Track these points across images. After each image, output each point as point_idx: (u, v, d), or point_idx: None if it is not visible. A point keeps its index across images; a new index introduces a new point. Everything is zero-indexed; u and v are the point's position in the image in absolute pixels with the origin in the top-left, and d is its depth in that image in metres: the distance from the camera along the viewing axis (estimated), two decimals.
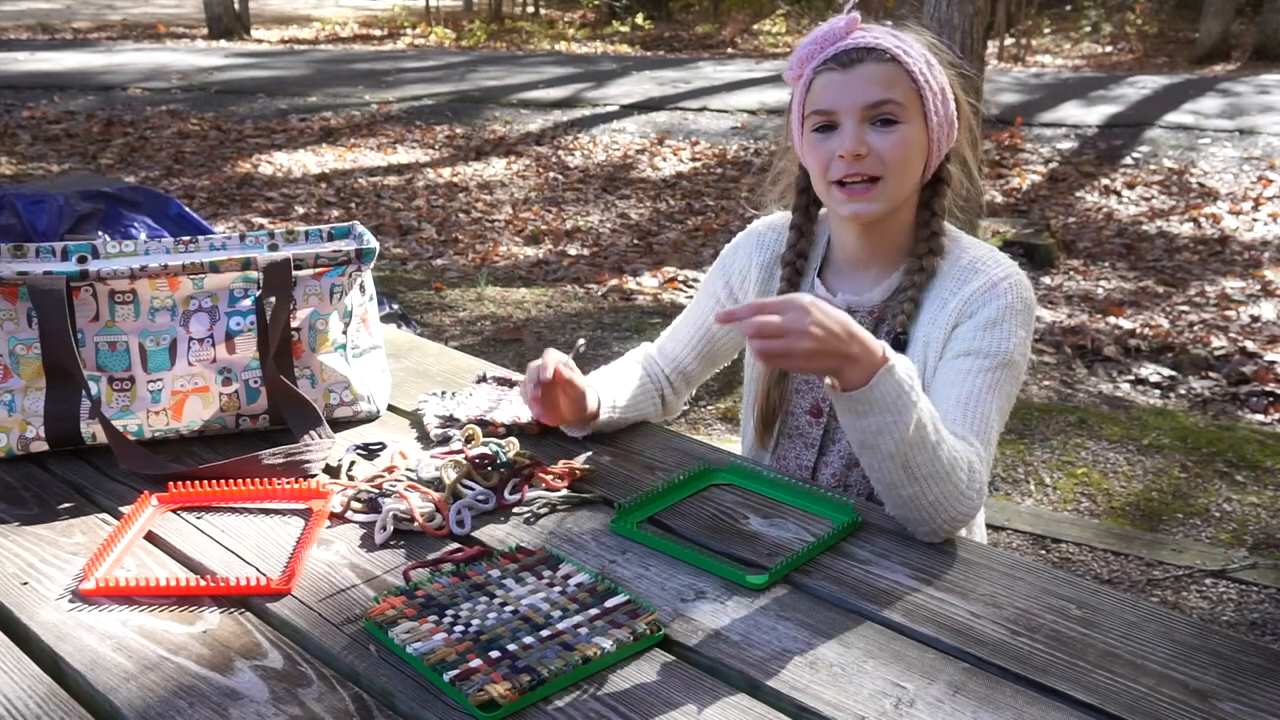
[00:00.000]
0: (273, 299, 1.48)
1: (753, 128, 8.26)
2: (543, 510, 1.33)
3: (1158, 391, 3.84)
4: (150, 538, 1.28)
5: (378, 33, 16.11)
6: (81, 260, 1.51)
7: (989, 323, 1.37)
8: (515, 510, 1.34)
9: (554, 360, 1.40)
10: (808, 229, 1.52)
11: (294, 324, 1.53)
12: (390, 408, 1.66)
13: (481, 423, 1.55)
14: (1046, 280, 5.21)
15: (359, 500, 1.33)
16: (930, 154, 1.41)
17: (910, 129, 1.37)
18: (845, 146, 1.36)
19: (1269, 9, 11.83)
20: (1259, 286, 5.05)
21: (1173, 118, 8.10)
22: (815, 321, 1.12)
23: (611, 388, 1.54)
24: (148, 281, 1.46)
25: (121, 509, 1.33)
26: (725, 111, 8.79)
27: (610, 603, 1.10)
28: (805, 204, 1.52)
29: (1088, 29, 14.44)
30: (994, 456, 1.33)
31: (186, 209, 2.91)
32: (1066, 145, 7.61)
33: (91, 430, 1.46)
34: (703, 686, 1.00)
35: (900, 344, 1.42)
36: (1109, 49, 13.62)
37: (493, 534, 1.29)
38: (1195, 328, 4.49)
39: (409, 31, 16.17)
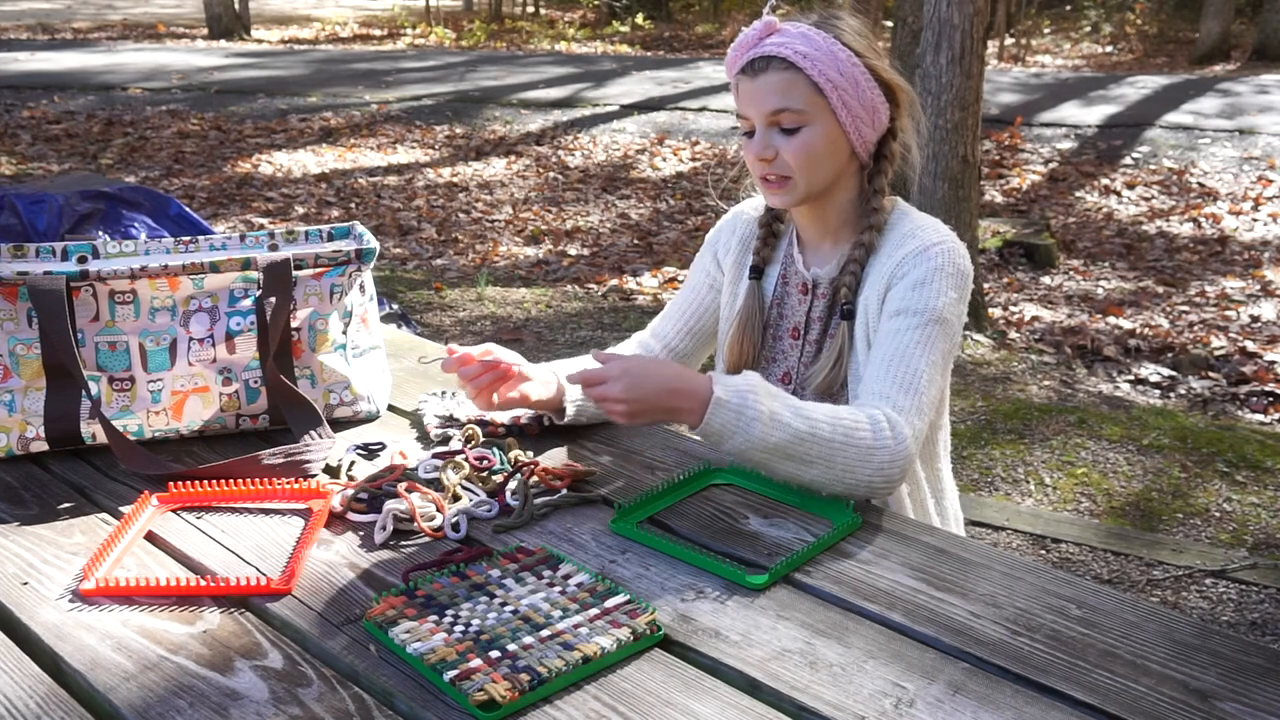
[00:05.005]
0: (273, 299, 1.48)
1: None
2: (543, 510, 1.33)
3: (1157, 391, 3.84)
4: (150, 538, 1.28)
5: (378, 33, 16.10)
6: (81, 260, 1.51)
7: (917, 282, 1.44)
8: (516, 510, 1.34)
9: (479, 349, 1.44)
10: None
11: (294, 324, 1.53)
12: (390, 408, 1.66)
13: (481, 423, 1.55)
14: (1046, 280, 5.21)
15: (359, 500, 1.33)
16: (852, 142, 1.47)
17: (814, 130, 1.44)
18: (755, 151, 1.47)
19: (1269, 9, 11.83)
20: (1259, 286, 5.06)
21: (1172, 118, 8.10)
22: (623, 391, 1.27)
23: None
24: (148, 281, 1.46)
25: (121, 509, 1.33)
26: (725, 111, 8.78)
27: (610, 602, 1.10)
28: None
29: (1088, 29, 14.44)
30: (932, 407, 1.40)
31: (186, 209, 2.91)
32: (1066, 145, 7.61)
33: (91, 430, 1.46)
34: (703, 686, 1.00)
35: (848, 313, 1.50)
36: (1109, 49, 13.62)
37: (493, 534, 1.29)
38: (1195, 328, 4.50)
39: (409, 31, 16.17)
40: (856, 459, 1.30)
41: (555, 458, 1.47)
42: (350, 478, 1.42)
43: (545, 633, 1.05)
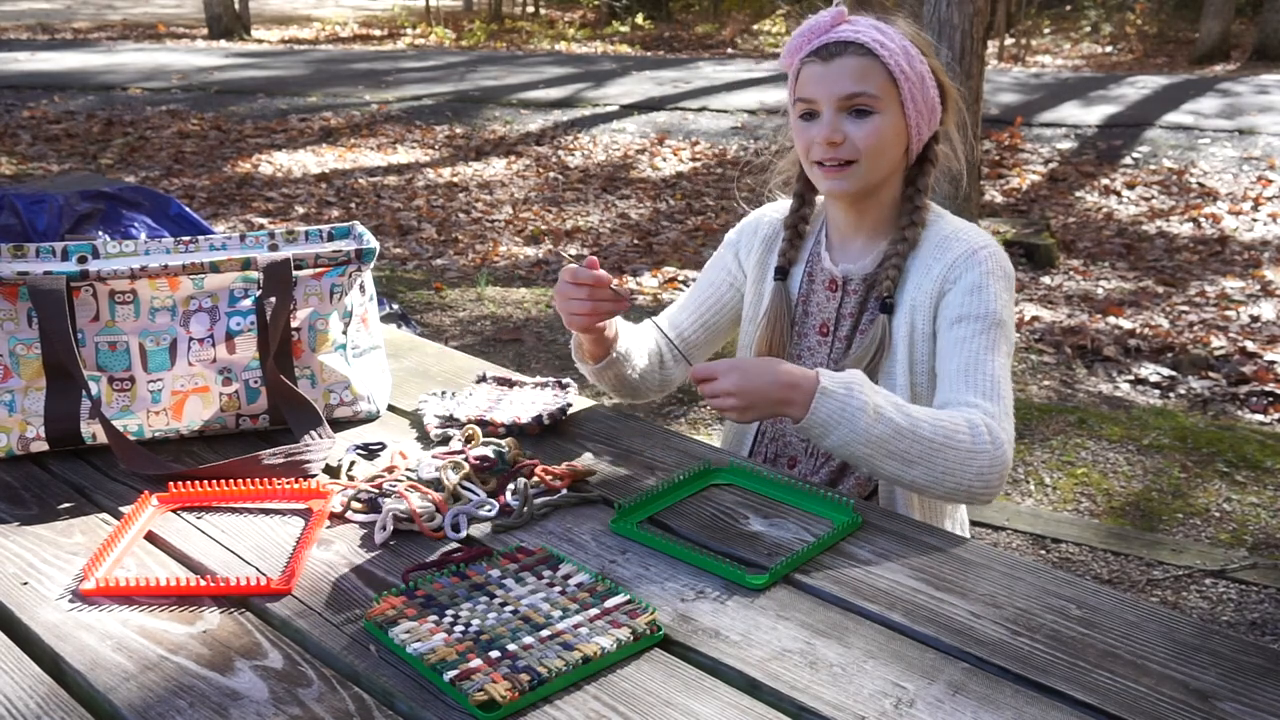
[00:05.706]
0: (273, 299, 1.48)
1: (753, 128, 8.26)
2: (543, 510, 1.33)
3: (1157, 391, 3.84)
4: (150, 538, 1.28)
5: (378, 33, 16.10)
6: (81, 260, 1.51)
7: (973, 287, 1.46)
8: (516, 510, 1.34)
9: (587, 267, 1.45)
10: (809, 197, 1.65)
11: (294, 324, 1.53)
12: (390, 408, 1.66)
13: (481, 423, 1.55)
14: (1046, 280, 5.21)
15: (359, 500, 1.33)
16: (910, 138, 1.50)
17: (884, 118, 1.46)
18: (822, 134, 1.47)
19: (1269, 9, 11.83)
20: (1259, 286, 5.06)
21: (1172, 118, 8.10)
22: (734, 385, 1.32)
23: (623, 328, 1.61)
24: (148, 281, 1.46)
25: (121, 509, 1.33)
26: (725, 111, 8.79)
27: (610, 602, 1.10)
28: (808, 177, 1.61)
29: (1088, 29, 14.44)
30: (1013, 407, 1.43)
31: (186, 209, 2.91)
32: (1066, 145, 7.61)
33: (91, 430, 1.46)
34: (703, 686, 1.00)
35: (888, 307, 1.51)
36: (1109, 49, 13.62)
37: (493, 534, 1.29)
38: (1195, 328, 4.49)
39: (409, 31, 16.17)
40: (957, 462, 1.32)
41: (555, 458, 1.47)
42: (350, 478, 1.42)
43: (545, 633, 1.05)
